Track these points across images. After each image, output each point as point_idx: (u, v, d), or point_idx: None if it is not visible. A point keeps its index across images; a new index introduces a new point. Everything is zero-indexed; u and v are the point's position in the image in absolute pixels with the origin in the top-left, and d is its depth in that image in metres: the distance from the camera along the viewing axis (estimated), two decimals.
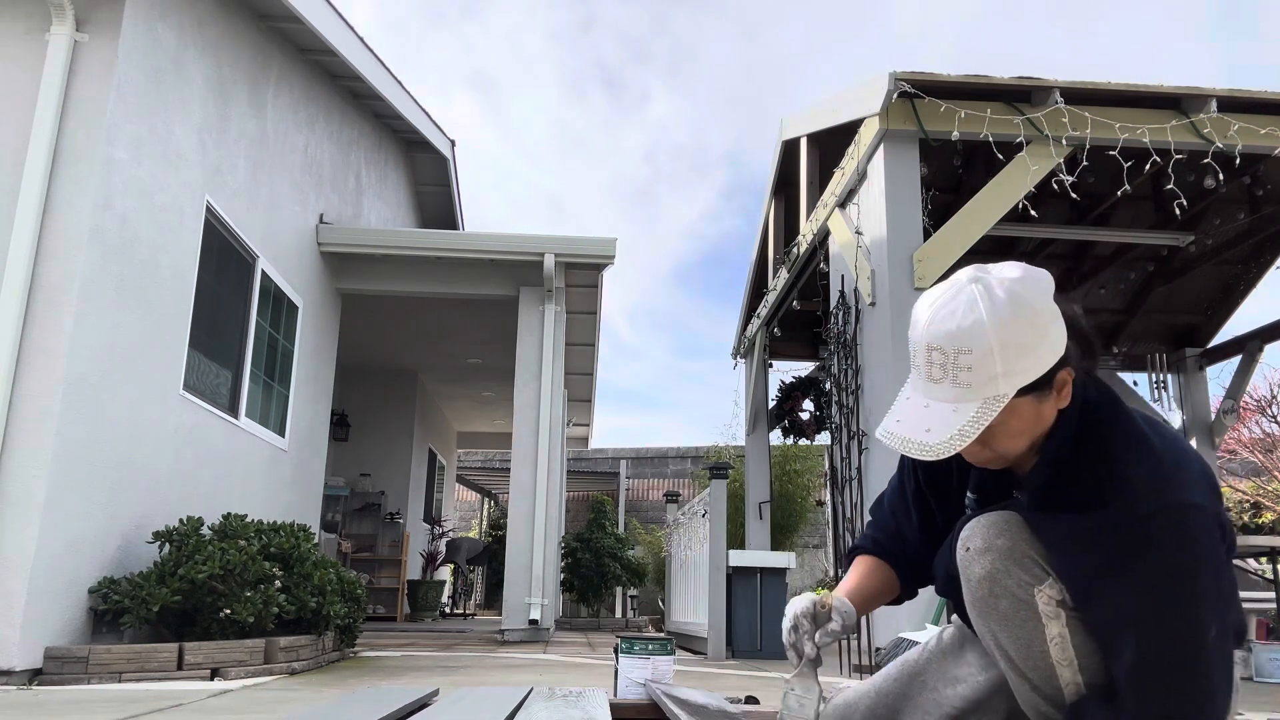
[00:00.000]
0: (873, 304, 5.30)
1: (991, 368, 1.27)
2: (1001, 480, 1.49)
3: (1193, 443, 9.07)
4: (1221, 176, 5.35)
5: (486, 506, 18.13)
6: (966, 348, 1.28)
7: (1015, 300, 1.28)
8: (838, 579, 5.99)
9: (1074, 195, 5.26)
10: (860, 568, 1.69)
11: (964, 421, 1.28)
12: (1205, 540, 1.24)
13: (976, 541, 1.41)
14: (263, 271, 5.95)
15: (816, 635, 1.52)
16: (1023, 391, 1.29)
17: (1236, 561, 6.28)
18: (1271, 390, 12.92)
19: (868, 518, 1.80)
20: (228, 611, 4.09)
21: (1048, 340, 1.29)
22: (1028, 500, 1.42)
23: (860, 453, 5.33)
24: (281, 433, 6.48)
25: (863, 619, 2.08)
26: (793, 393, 8.60)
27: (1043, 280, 1.33)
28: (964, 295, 1.31)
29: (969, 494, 1.55)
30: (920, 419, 1.32)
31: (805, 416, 8.57)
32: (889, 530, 1.69)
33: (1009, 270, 1.33)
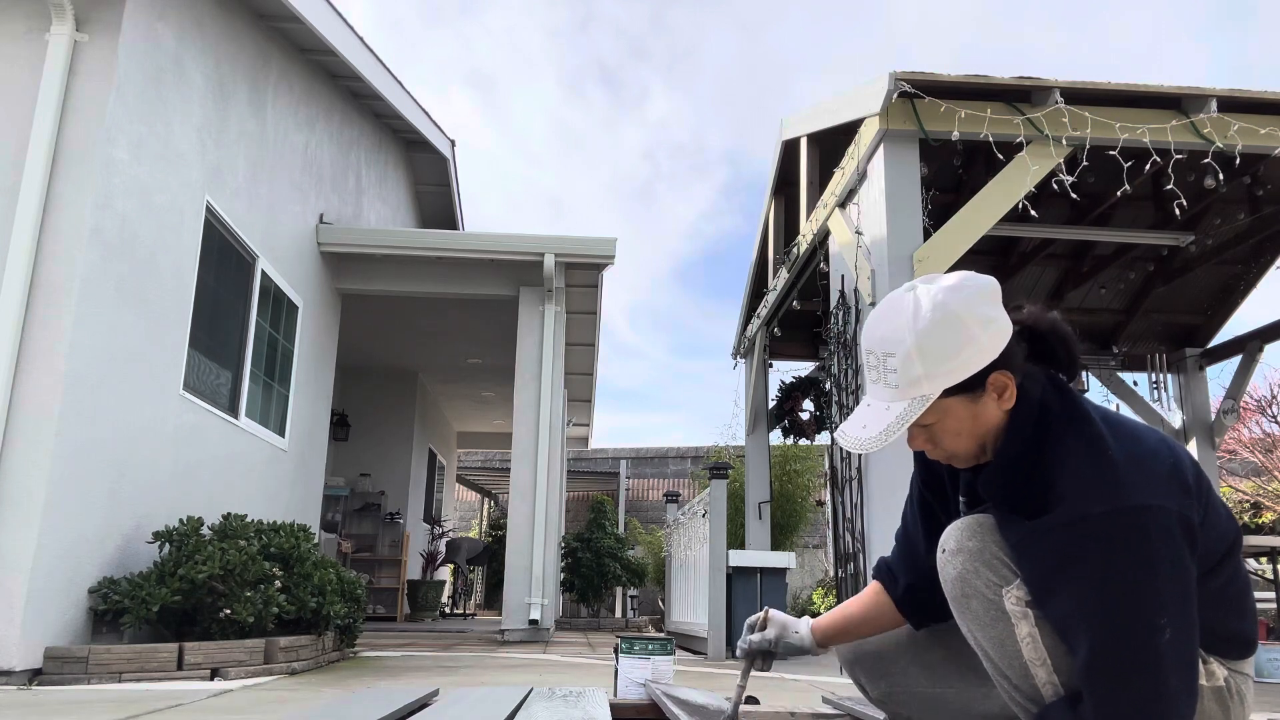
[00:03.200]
0: (873, 304, 5.30)
1: (914, 370, 1.35)
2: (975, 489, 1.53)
3: (1192, 443, 9.08)
4: (1221, 176, 5.35)
5: (486, 506, 18.13)
6: (891, 351, 1.37)
7: (938, 307, 1.35)
8: (838, 579, 5.99)
9: (1074, 195, 5.26)
10: (860, 594, 1.75)
11: (892, 419, 1.36)
12: (1160, 540, 1.23)
13: (950, 543, 1.44)
14: (263, 271, 5.95)
15: (745, 640, 1.68)
16: (952, 392, 1.36)
17: None
18: (1271, 390, 12.92)
19: (870, 523, 1.83)
20: (228, 611, 4.08)
21: (974, 345, 1.34)
22: (989, 501, 1.46)
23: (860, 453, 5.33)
24: (281, 433, 6.48)
25: None
26: (793, 393, 8.60)
27: (978, 290, 1.38)
28: (896, 303, 1.41)
29: (960, 498, 1.58)
30: (861, 417, 1.41)
31: (805, 416, 8.57)
32: (898, 553, 1.72)
33: (947, 279, 1.40)
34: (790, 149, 7.76)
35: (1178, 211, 5.49)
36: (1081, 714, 1.27)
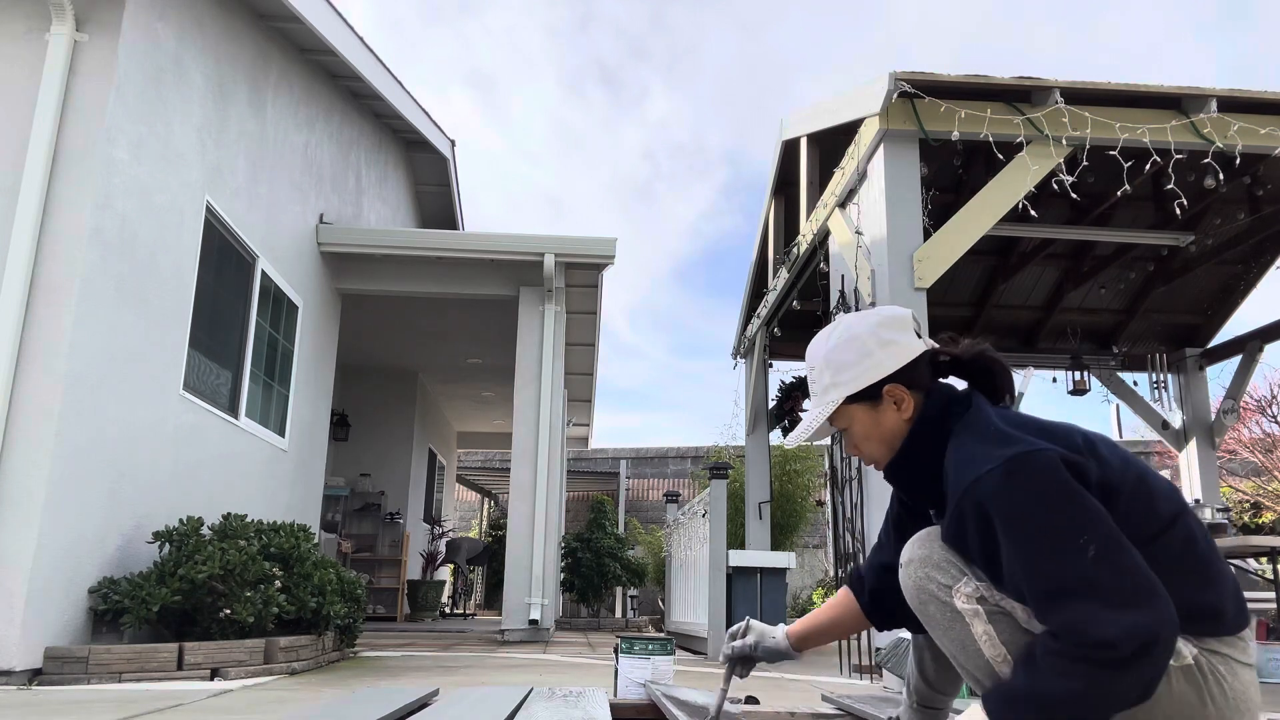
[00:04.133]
0: (873, 304, 5.29)
1: (824, 379, 1.63)
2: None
3: (1192, 443, 9.09)
4: (1221, 176, 5.35)
5: (486, 506, 18.13)
6: (812, 364, 1.68)
7: (846, 329, 1.64)
8: (837, 579, 5.99)
9: (1074, 195, 5.26)
10: (831, 600, 1.89)
11: (809, 419, 1.65)
12: (1046, 474, 1.32)
13: (904, 555, 1.54)
14: (263, 271, 5.95)
15: (727, 647, 1.83)
16: (854, 400, 1.60)
17: (1236, 562, 6.28)
18: (1271, 390, 12.92)
19: (870, 523, 1.92)
20: (228, 611, 4.08)
21: (870, 360, 1.58)
22: (907, 498, 1.67)
23: None
24: (281, 433, 6.47)
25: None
26: (793, 392, 8.59)
27: (886, 318, 1.63)
28: (825, 329, 1.69)
29: (930, 510, 1.68)
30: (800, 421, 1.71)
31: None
32: (869, 560, 1.84)
33: (870, 311, 1.67)
34: (790, 149, 7.75)
35: (1178, 211, 5.49)
36: (1036, 664, 1.28)
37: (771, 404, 8.92)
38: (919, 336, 1.63)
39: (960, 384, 1.66)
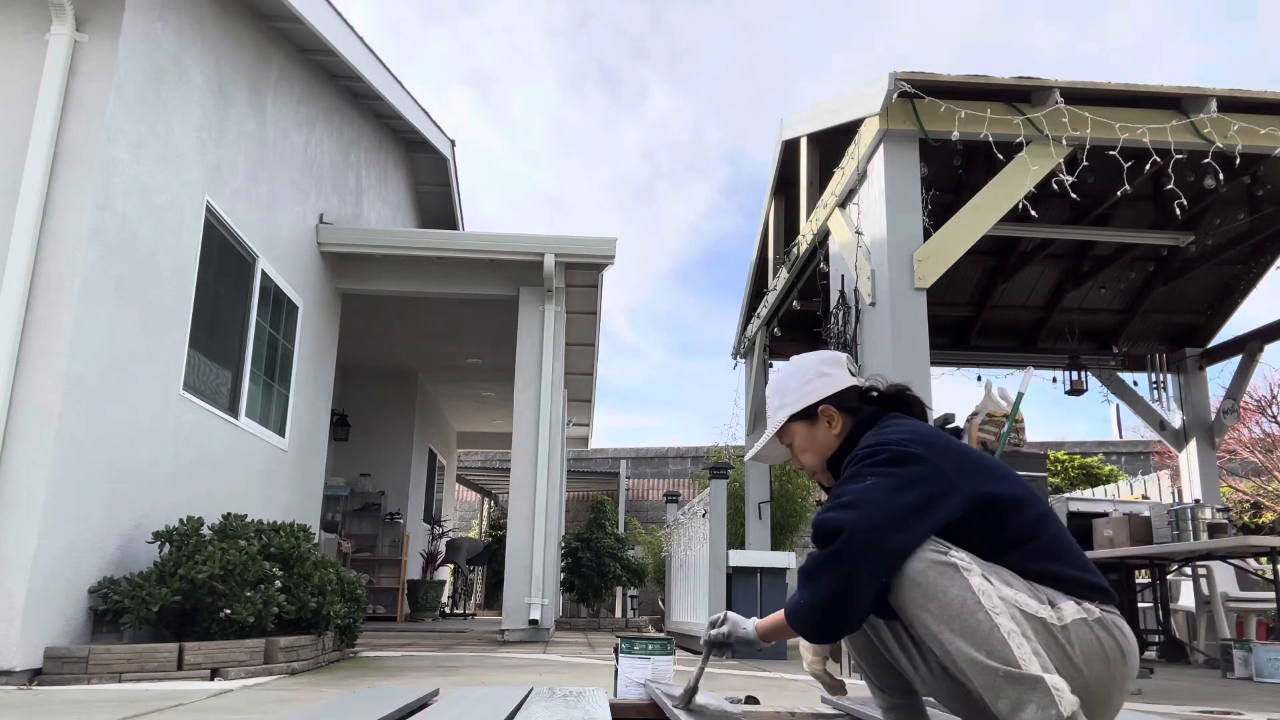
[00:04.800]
0: (873, 304, 5.30)
1: (774, 402, 2.05)
2: None
3: (1192, 443, 9.10)
4: (1221, 176, 5.35)
5: (486, 506, 18.13)
6: (767, 394, 2.11)
7: (792, 365, 2.07)
8: None
9: (1074, 195, 5.26)
10: None
11: (765, 434, 2.08)
12: (889, 452, 1.72)
13: None
14: (263, 271, 5.95)
15: (706, 634, 2.08)
16: (796, 418, 2.00)
17: (1237, 562, 6.28)
18: (1271, 390, 12.92)
19: None
20: (228, 611, 4.08)
21: (808, 387, 1.99)
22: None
23: None
24: (281, 433, 6.48)
25: None
26: None
27: (823, 356, 2.05)
28: (776, 368, 2.17)
29: None
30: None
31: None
32: None
33: (813, 353, 2.10)
34: (790, 149, 7.75)
35: (1178, 211, 5.49)
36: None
37: None
38: (851, 374, 2.03)
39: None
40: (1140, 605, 7.50)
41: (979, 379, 9.06)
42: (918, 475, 1.68)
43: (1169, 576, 7.38)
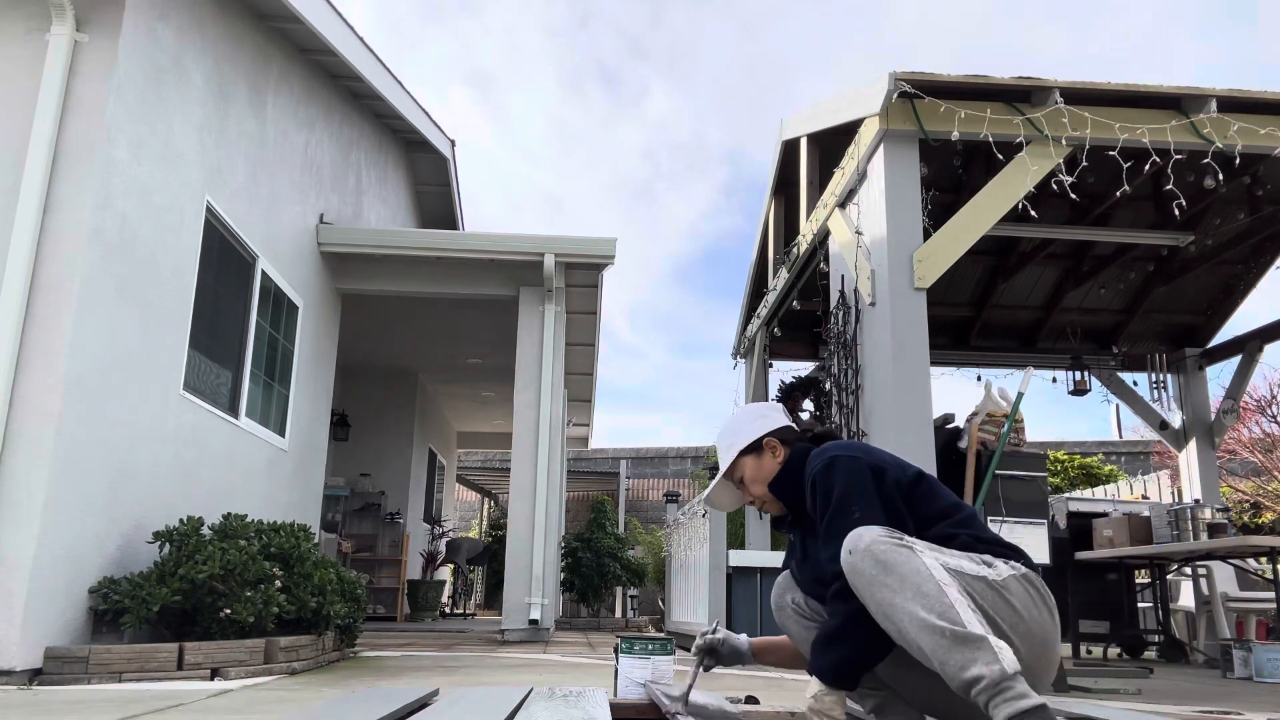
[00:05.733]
0: (873, 304, 5.30)
1: (725, 442, 2.33)
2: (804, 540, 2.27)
3: (1192, 443, 9.11)
4: (1221, 176, 5.36)
5: (486, 506, 18.13)
6: (717, 445, 2.38)
7: (739, 411, 2.43)
8: None
9: (1074, 195, 5.26)
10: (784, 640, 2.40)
11: (719, 474, 2.35)
12: (846, 469, 2.03)
13: (849, 544, 1.93)
14: (263, 271, 5.95)
15: (699, 639, 2.27)
16: (744, 453, 2.29)
17: (1236, 562, 6.28)
18: (1271, 390, 12.93)
19: None
20: (228, 611, 4.08)
21: (752, 426, 2.30)
22: (803, 523, 2.24)
23: None
24: (281, 433, 6.48)
25: None
26: (793, 393, 8.59)
27: (765, 404, 2.41)
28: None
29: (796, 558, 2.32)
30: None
31: (805, 417, 8.56)
32: (789, 610, 2.35)
33: (754, 404, 2.45)
34: (790, 149, 7.76)
35: (1177, 211, 5.49)
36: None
37: None
38: (787, 417, 2.38)
39: None
40: (1140, 605, 7.50)
41: (979, 379, 9.07)
42: (866, 468, 2.03)
43: (1169, 576, 7.38)
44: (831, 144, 6.45)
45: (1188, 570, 7.09)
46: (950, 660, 1.69)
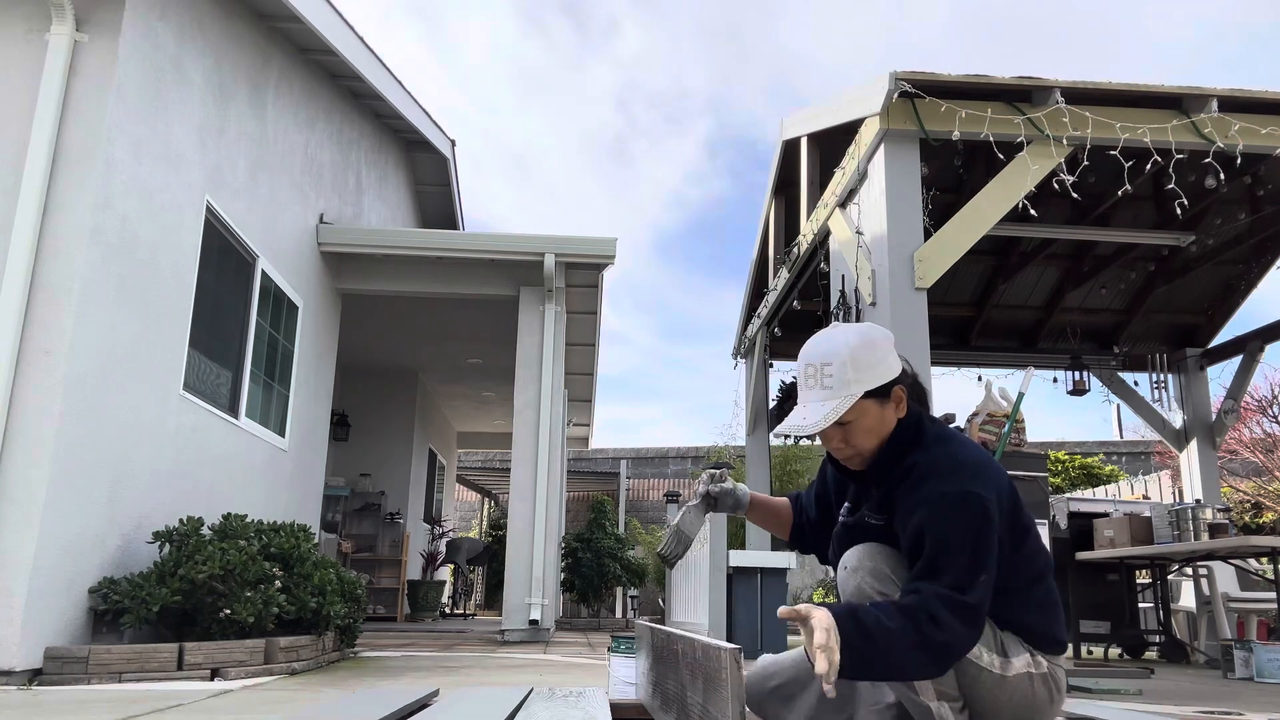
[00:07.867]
0: (873, 304, 5.29)
1: (847, 374, 1.81)
2: (858, 499, 1.98)
3: (1193, 443, 9.10)
4: (1222, 176, 5.35)
5: (486, 506, 18.13)
6: (829, 361, 1.83)
7: (862, 333, 1.86)
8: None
9: (1074, 195, 5.26)
10: (780, 500, 2.27)
11: (829, 410, 1.80)
12: (976, 512, 1.73)
13: (850, 562, 1.83)
14: (263, 271, 5.95)
15: (710, 483, 2.12)
16: (869, 395, 1.81)
17: (1237, 562, 6.27)
18: (1272, 390, 12.92)
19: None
20: (228, 611, 4.08)
21: (885, 363, 1.84)
22: (875, 492, 1.90)
23: None
24: (281, 433, 6.47)
25: None
26: (793, 392, 8.60)
27: (886, 333, 1.91)
28: (831, 331, 1.89)
29: (845, 505, 2.02)
30: (801, 414, 1.85)
31: None
32: (805, 501, 2.23)
33: (871, 325, 1.93)
34: (790, 149, 7.75)
35: (1178, 211, 5.49)
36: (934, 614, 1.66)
37: (772, 404, 8.92)
38: None
39: None
40: (1141, 605, 7.49)
41: (979, 379, 9.05)
42: (994, 525, 1.76)
43: (1170, 577, 7.37)
44: (832, 144, 6.45)
45: (1189, 570, 7.09)
46: (914, 711, 1.78)
